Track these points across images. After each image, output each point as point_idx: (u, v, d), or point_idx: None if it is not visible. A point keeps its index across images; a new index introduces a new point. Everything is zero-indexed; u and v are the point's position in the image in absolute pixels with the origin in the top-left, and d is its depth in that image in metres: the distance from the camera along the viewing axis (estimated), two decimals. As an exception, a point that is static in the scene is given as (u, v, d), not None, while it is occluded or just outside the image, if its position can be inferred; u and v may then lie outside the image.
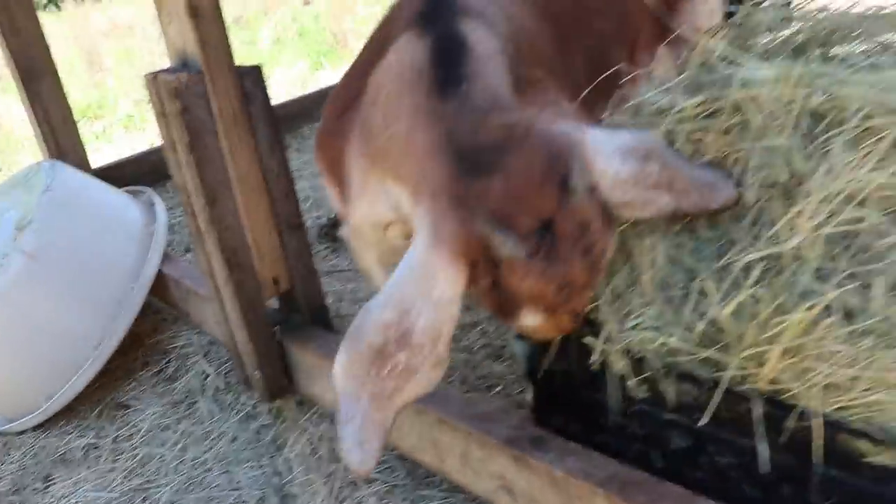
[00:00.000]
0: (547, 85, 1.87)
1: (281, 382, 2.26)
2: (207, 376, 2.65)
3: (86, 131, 5.80)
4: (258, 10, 9.64)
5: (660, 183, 1.34)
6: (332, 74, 6.49)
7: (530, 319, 1.34)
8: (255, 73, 2.03)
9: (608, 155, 1.32)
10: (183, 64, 1.95)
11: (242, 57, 7.42)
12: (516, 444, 1.58)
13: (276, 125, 2.10)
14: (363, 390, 1.26)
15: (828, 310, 1.29)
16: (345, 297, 2.94)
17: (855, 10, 1.65)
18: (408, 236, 1.65)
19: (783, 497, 1.46)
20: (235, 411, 2.48)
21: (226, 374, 2.62)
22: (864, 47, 1.50)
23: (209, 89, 1.94)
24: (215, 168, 2.00)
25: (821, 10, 1.78)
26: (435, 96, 1.34)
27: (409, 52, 1.47)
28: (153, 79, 1.92)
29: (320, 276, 3.05)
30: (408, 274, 1.28)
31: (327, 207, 3.63)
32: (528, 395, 1.80)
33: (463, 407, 1.73)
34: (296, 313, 2.27)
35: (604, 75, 1.84)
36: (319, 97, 4.68)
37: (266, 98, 2.06)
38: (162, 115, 1.95)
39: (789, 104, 1.38)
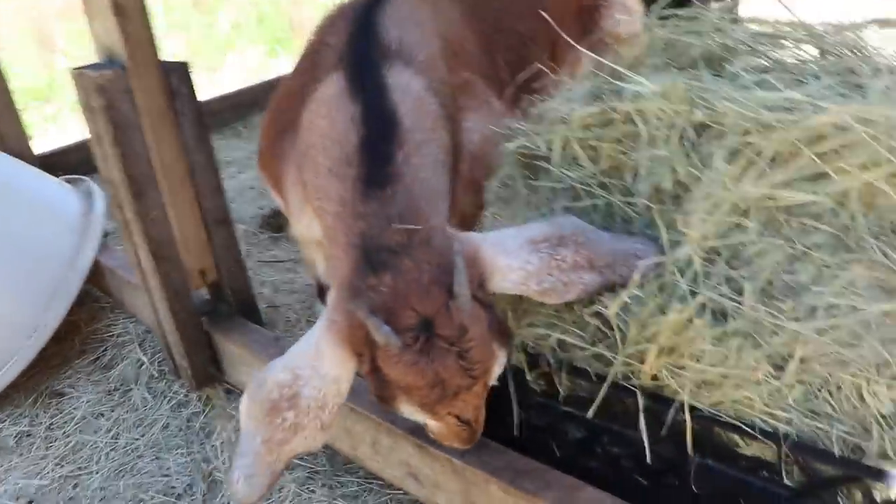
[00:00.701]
0: (476, 85, 1.95)
1: (208, 371, 2.32)
2: (142, 364, 2.68)
3: (35, 114, 5.75)
4: (218, -8, 9.55)
5: (578, 264, 1.43)
6: (287, 62, 6.48)
7: (407, 412, 1.44)
8: (180, 69, 2.07)
9: (514, 251, 1.43)
10: (108, 60, 1.98)
11: (199, 41, 7.38)
12: (420, 433, 1.65)
13: (202, 120, 2.14)
14: (258, 432, 1.40)
15: (703, 311, 1.38)
16: (281, 288, 3.00)
17: (758, 28, 1.73)
18: None
19: (669, 485, 1.55)
20: (168, 399, 2.52)
21: (160, 362, 2.66)
22: (755, 63, 1.58)
23: (134, 85, 1.98)
24: (140, 162, 2.03)
25: (736, 22, 1.87)
26: (359, 194, 1.43)
27: (339, 111, 1.54)
28: (79, 74, 1.95)
29: (259, 266, 3.12)
30: (305, 345, 1.44)
31: (270, 198, 3.66)
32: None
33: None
34: (223, 304, 2.32)
35: (525, 73, 1.93)
36: (270, 87, 4.68)
37: (192, 94, 2.10)
38: (88, 110, 1.98)
39: (674, 117, 1.45)
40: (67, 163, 3.68)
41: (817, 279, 1.34)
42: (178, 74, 2.06)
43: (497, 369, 1.45)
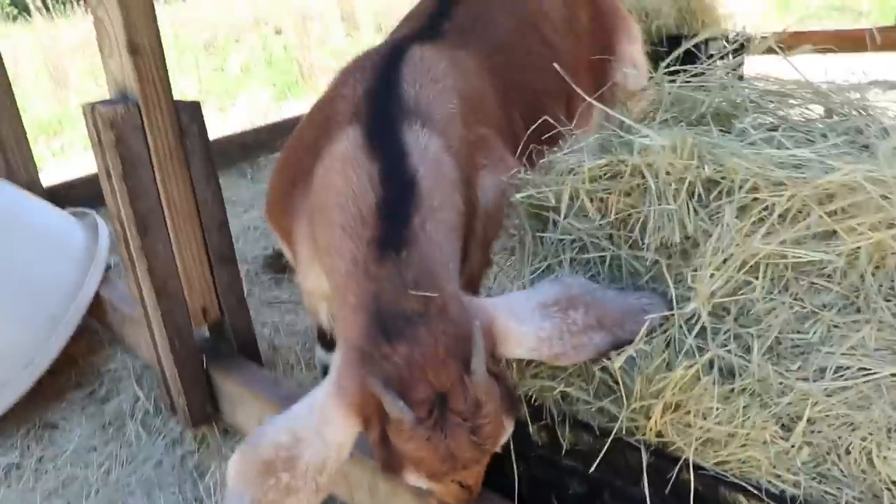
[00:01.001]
0: (492, 141, 1.95)
1: (206, 410, 2.29)
2: (138, 400, 2.66)
3: (44, 148, 5.80)
4: (230, 35, 9.71)
5: (589, 325, 1.42)
6: (295, 105, 6.55)
7: (413, 480, 1.42)
8: (192, 108, 2.08)
9: (526, 317, 1.42)
10: (122, 97, 2.00)
11: (210, 83, 7.49)
12: (420, 483, 1.62)
13: (211, 158, 2.15)
14: (247, 492, 1.36)
15: (710, 368, 1.37)
16: (281, 329, 2.98)
17: (764, 86, 1.74)
18: None
19: (670, 545, 1.52)
20: (162, 436, 2.49)
21: (156, 399, 2.64)
22: (763, 121, 1.59)
23: (145, 122, 1.99)
24: (148, 198, 2.04)
25: (740, 79, 1.88)
26: (373, 256, 1.41)
27: (356, 168, 1.52)
28: (91, 109, 1.97)
29: (261, 306, 3.11)
30: (308, 408, 1.39)
31: (273, 239, 3.67)
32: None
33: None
34: (224, 343, 2.30)
35: (535, 124, 1.93)
36: (276, 129, 4.74)
37: (203, 132, 2.11)
38: (98, 145, 1.99)
39: (683, 171, 1.46)
40: (75, 196, 3.70)
41: (826, 339, 1.32)
42: (189, 112, 2.08)
43: (504, 439, 1.43)
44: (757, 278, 1.38)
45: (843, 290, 1.34)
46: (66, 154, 5.94)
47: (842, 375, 1.29)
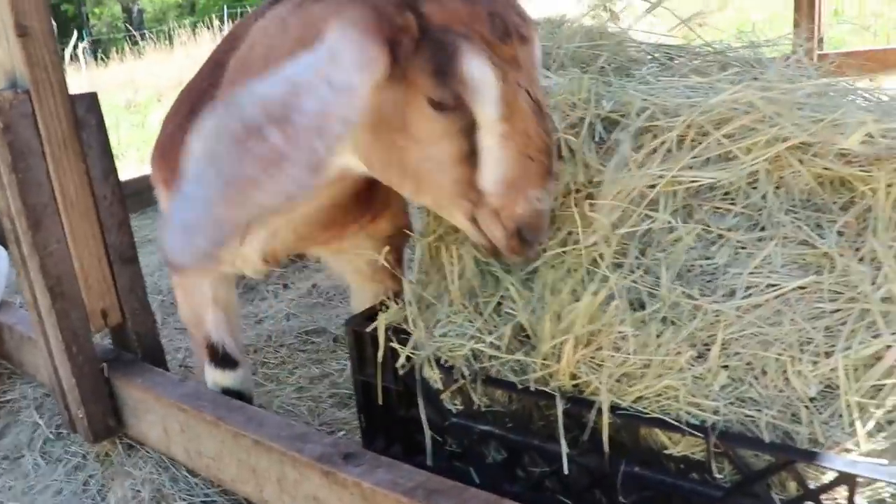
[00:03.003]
0: None
1: (108, 422, 2.13)
2: (37, 428, 2.47)
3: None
4: (151, 95, 9.64)
5: None
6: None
7: (477, 68, 1.16)
8: (89, 99, 2.00)
9: None
10: (11, 83, 1.91)
11: (130, 137, 7.34)
12: (327, 460, 1.52)
13: (110, 153, 2.05)
14: (216, 172, 1.10)
15: (619, 295, 1.32)
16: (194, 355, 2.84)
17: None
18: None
19: (595, 502, 1.45)
20: (63, 463, 2.31)
21: (57, 425, 2.46)
22: (660, 68, 1.60)
23: (37, 110, 1.89)
24: (40, 191, 1.93)
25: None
26: None
27: (271, 12, 1.41)
28: (-24, 96, 1.86)
29: (175, 333, 2.97)
30: (308, 57, 1.14)
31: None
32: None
33: (280, 428, 1.67)
34: (126, 350, 2.17)
35: None
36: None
37: (101, 125, 2.02)
38: (-15, 134, 1.88)
39: (583, 111, 1.44)
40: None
41: (734, 261, 1.30)
42: (85, 104, 1.99)
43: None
44: (658, 210, 1.36)
45: (747, 211, 1.32)
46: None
47: (751, 294, 1.26)
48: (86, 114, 2.00)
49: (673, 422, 1.26)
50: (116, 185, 2.09)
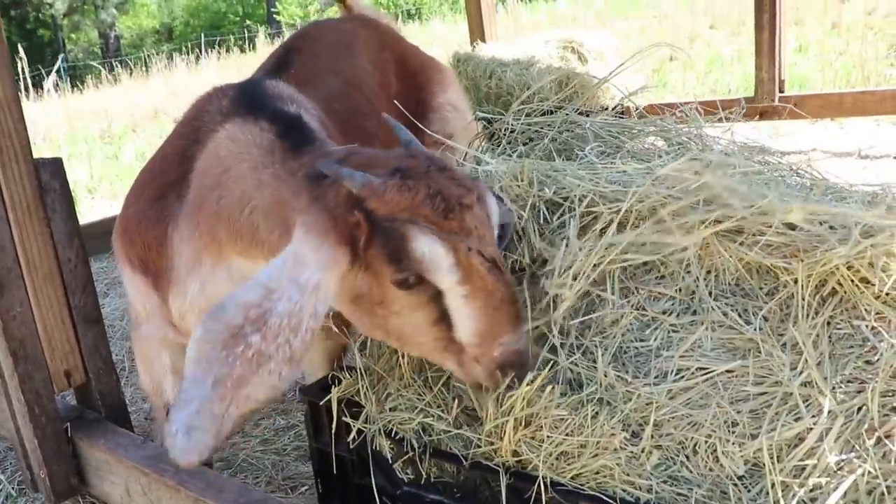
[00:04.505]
0: None
1: (70, 482, 2.15)
2: (-1, 484, 2.48)
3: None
4: (126, 125, 9.63)
5: None
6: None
7: (426, 247, 1.28)
8: (53, 164, 2.04)
9: None
10: (-25, 151, 1.95)
11: (103, 169, 7.34)
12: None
13: (74, 216, 2.10)
14: (209, 373, 1.21)
15: (557, 378, 1.39)
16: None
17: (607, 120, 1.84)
18: None
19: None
20: (26, 521, 2.33)
21: (20, 480, 2.47)
22: (603, 149, 1.67)
23: (1, 177, 1.94)
24: (5, 256, 1.96)
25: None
26: (291, 159, 1.46)
27: (244, 135, 1.56)
28: (-59, 165, 1.90)
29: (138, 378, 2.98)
30: (278, 263, 1.28)
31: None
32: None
33: (239, 494, 1.71)
34: (90, 409, 2.20)
35: None
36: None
37: (65, 189, 2.07)
38: (-52, 202, 1.92)
39: (526, 196, 1.51)
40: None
41: (666, 343, 1.37)
42: (50, 169, 2.03)
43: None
44: (599, 294, 1.43)
45: (679, 295, 1.39)
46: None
47: (682, 377, 1.33)
48: (50, 179, 2.04)
49: (609, 500, 1.32)
50: (81, 247, 2.13)
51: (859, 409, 1.24)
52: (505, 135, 1.86)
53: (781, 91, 4.85)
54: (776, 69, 4.74)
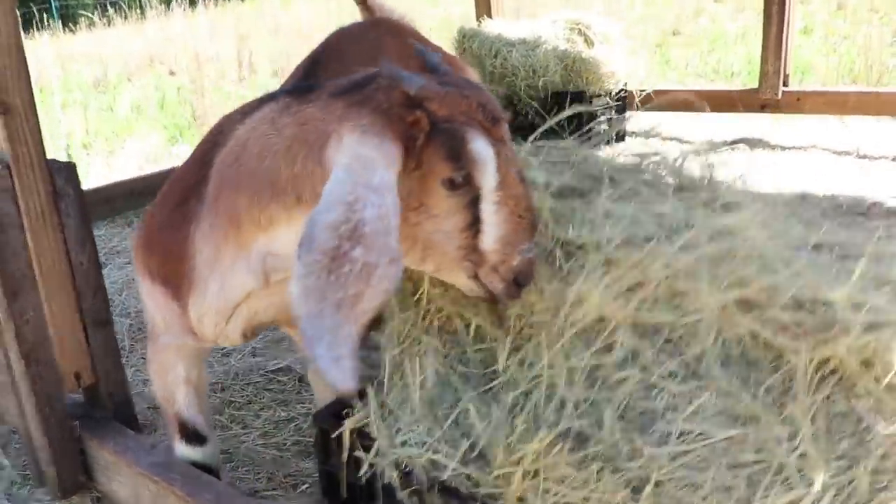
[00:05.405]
0: None
1: (77, 479, 2.22)
2: (3, 468, 2.54)
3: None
4: (121, 73, 9.50)
5: None
6: (187, 150, 6.45)
7: (482, 148, 1.38)
8: (67, 170, 2.06)
9: None
10: (-9, 158, 1.96)
11: (98, 122, 7.28)
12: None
13: (87, 220, 2.12)
14: (325, 303, 1.22)
15: (566, 434, 1.45)
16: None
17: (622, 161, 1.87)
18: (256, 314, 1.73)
19: None
20: (32, 507, 2.39)
21: (24, 466, 2.53)
22: (621, 190, 1.71)
23: (16, 183, 1.95)
24: (19, 262, 1.99)
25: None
26: (308, 97, 1.48)
27: (262, 113, 1.56)
28: (-43, 171, 1.92)
29: (142, 363, 3.03)
30: (343, 174, 1.29)
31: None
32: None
33: (248, 510, 1.78)
34: (99, 408, 2.25)
35: None
36: (165, 177, 4.65)
37: (79, 194, 2.08)
38: (-36, 206, 1.94)
39: (541, 238, 1.56)
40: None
41: (671, 406, 1.42)
42: (64, 175, 2.05)
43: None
44: (611, 349, 1.48)
45: (686, 359, 1.44)
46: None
47: (684, 440, 1.39)
48: (64, 185, 2.06)
49: (609, 551, 1.39)
50: (93, 251, 2.15)
51: (850, 482, 1.31)
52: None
53: (786, 85, 4.86)
54: (781, 63, 4.75)
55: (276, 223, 1.51)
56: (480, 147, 1.37)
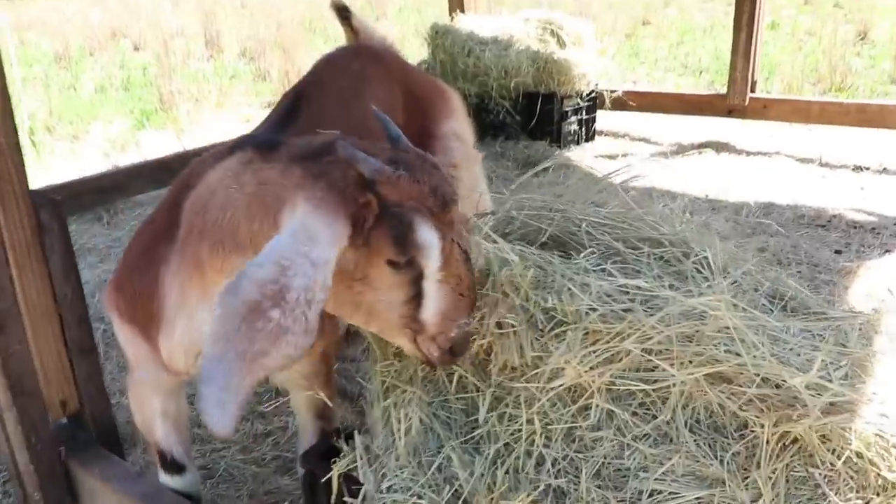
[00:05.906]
0: None
1: (63, 502, 2.26)
2: (-11, 493, 2.57)
3: None
4: (83, 47, 9.29)
5: None
6: (154, 137, 6.37)
7: (427, 235, 1.44)
8: (52, 205, 2.07)
9: None
10: (-25, 195, 1.97)
11: (61, 106, 7.13)
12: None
13: (71, 253, 2.15)
14: (230, 349, 1.28)
15: (546, 492, 1.54)
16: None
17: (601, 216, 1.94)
18: None
19: None
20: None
21: (4, 492, 2.56)
22: (599, 252, 1.79)
23: (1, 220, 1.97)
24: (4, 296, 2.01)
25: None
26: (270, 156, 1.54)
27: (231, 163, 1.61)
28: (-59, 209, 1.93)
29: (118, 371, 3.06)
30: (287, 239, 1.35)
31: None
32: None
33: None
34: (83, 432, 2.29)
35: None
36: (134, 172, 4.61)
37: (63, 229, 2.11)
38: (-52, 243, 1.95)
39: (525, 300, 1.64)
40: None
41: (643, 465, 1.52)
42: (48, 211, 2.07)
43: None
44: (588, 409, 1.57)
45: (658, 421, 1.54)
46: None
47: (655, 499, 1.48)
48: (50, 220, 2.08)
49: None
50: (77, 282, 2.18)
51: (807, 543, 1.42)
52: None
53: (753, 91, 4.97)
54: (749, 70, 4.85)
55: (236, 271, 1.56)
56: (426, 234, 1.44)
